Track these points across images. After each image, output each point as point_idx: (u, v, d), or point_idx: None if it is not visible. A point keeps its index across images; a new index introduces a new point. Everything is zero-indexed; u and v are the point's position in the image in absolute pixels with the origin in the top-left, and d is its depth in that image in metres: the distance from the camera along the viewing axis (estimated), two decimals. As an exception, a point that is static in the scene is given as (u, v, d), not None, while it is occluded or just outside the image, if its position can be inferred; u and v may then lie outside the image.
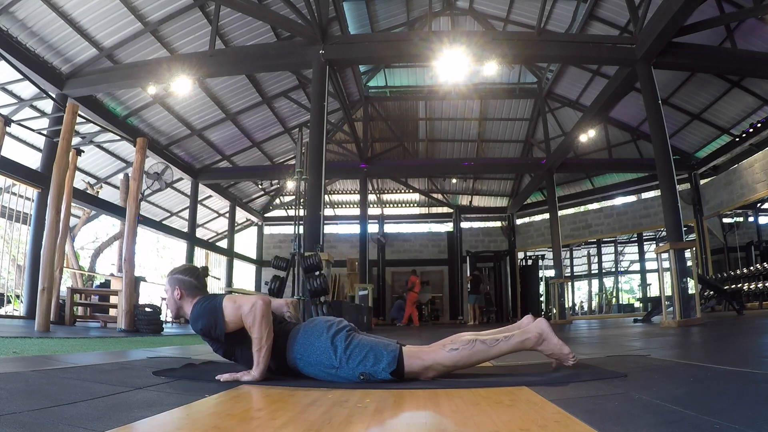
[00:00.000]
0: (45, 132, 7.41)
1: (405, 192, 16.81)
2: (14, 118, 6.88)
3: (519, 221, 16.64)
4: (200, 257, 13.95)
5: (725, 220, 11.62)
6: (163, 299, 4.99)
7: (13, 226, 7.48)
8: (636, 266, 18.02)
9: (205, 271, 2.03)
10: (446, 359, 1.63)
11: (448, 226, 17.08)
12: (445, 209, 16.99)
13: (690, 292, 5.71)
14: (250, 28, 8.99)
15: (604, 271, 17.17)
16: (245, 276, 17.45)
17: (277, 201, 17.15)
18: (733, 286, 9.27)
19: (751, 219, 11.30)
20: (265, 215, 17.34)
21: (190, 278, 1.91)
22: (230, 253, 14.74)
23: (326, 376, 1.68)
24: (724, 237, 11.53)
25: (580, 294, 17.76)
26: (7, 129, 5.64)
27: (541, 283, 15.88)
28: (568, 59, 9.06)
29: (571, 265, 16.51)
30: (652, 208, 13.18)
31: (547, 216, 13.80)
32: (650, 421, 0.99)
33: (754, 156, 9.99)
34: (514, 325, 1.91)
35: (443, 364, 1.63)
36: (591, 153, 13.06)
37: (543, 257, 16.53)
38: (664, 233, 12.39)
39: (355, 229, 15.23)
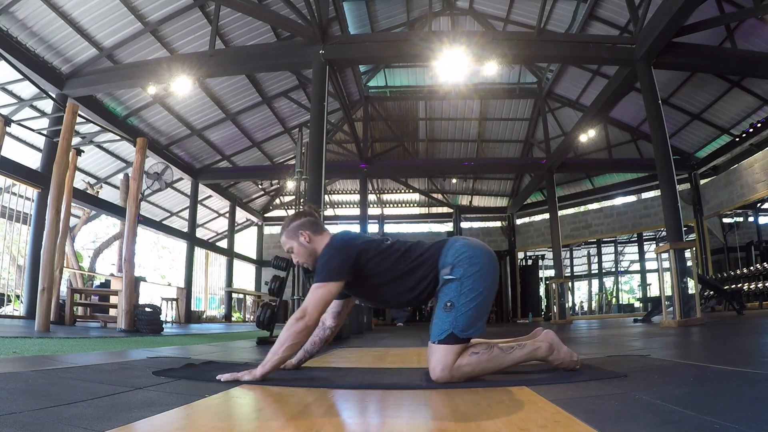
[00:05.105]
0: (45, 132, 7.41)
1: (405, 192, 16.81)
2: (14, 118, 6.88)
3: (519, 221, 16.64)
4: (200, 257, 13.96)
5: (725, 220, 11.62)
6: (282, 261, 4.67)
7: (13, 226, 7.48)
8: (636, 266, 18.04)
9: (310, 208, 1.93)
10: (469, 363, 1.57)
11: (448, 226, 17.07)
12: (445, 209, 16.99)
13: (690, 292, 5.70)
14: (250, 28, 8.99)
15: (604, 271, 17.18)
16: (245, 276, 17.46)
17: (277, 201, 17.16)
18: (733, 286, 9.26)
19: (751, 219, 11.31)
20: (265, 215, 17.35)
21: (307, 217, 1.86)
22: (230, 253, 14.74)
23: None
24: (724, 237, 11.53)
25: (580, 294, 17.77)
26: (7, 129, 5.64)
27: (542, 283, 15.89)
28: (568, 59, 9.06)
29: (571, 265, 16.52)
30: (652, 208, 13.18)
31: (547, 216, 13.80)
32: (650, 421, 0.99)
33: (754, 156, 9.99)
34: (524, 337, 1.90)
35: (463, 369, 1.57)
36: (591, 153, 13.06)
37: (543, 257, 16.55)
38: (664, 233, 12.40)
39: (355, 229, 15.23)
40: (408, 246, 1.78)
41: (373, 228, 15.76)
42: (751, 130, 9.65)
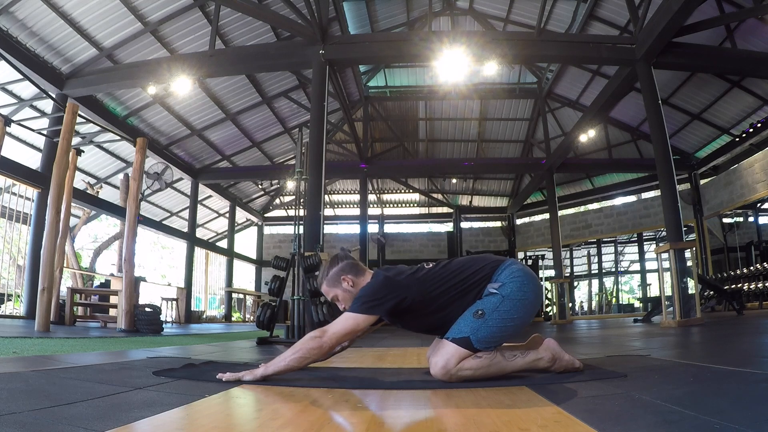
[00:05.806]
0: (45, 132, 7.41)
1: (405, 192, 16.81)
2: (14, 118, 6.88)
3: (519, 221, 16.64)
4: (200, 257, 13.97)
5: (725, 220, 11.63)
6: (321, 302, 4.63)
7: (13, 226, 7.48)
8: (636, 266, 18.04)
9: (344, 251, 1.90)
10: (470, 368, 1.58)
11: (448, 226, 17.08)
12: (445, 209, 16.99)
13: (690, 292, 5.70)
14: (250, 28, 8.99)
15: (604, 271, 17.17)
16: (245, 276, 17.47)
17: (277, 201, 17.16)
18: (733, 286, 9.27)
19: (751, 219, 11.32)
20: (265, 215, 17.35)
21: (345, 261, 1.80)
22: (230, 253, 14.74)
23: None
24: (724, 237, 11.53)
25: (580, 294, 17.76)
26: (7, 129, 5.64)
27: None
28: (568, 59, 9.06)
29: (571, 265, 16.51)
30: (652, 208, 13.18)
31: (547, 216, 13.80)
32: (650, 421, 0.99)
33: (754, 156, 9.99)
34: (523, 344, 1.90)
35: (464, 372, 1.57)
36: (591, 153, 13.06)
37: (543, 257, 16.53)
38: (664, 233, 12.40)
39: (355, 229, 15.26)
40: (458, 266, 1.76)
41: (373, 228, 15.76)
42: (751, 130, 9.65)
